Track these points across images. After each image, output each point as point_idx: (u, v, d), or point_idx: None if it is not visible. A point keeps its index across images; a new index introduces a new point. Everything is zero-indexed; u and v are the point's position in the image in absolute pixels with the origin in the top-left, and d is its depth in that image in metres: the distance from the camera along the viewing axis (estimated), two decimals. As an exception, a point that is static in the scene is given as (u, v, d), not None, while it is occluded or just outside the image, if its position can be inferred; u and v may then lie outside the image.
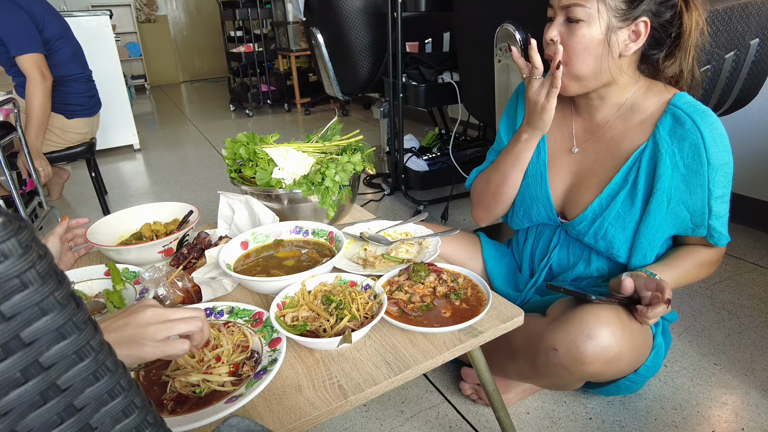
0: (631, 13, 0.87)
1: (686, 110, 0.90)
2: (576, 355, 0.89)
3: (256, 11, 5.11)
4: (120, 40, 6.91)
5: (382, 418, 1.21)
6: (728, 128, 2.05)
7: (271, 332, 0.81)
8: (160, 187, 3.07)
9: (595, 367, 0.90)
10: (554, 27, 0.91)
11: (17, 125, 1.97)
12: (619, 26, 0.87)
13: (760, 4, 1.40)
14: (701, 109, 0.91)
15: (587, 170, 1.04)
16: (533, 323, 1.00)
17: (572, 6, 0.88)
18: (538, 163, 1.09)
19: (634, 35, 0.89)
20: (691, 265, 1.00)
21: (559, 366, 0.92)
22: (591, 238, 1.03)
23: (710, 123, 0.89)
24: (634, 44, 0.89)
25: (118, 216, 1.19)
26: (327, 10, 2.47)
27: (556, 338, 0.92)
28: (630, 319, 0.94)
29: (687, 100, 0.92)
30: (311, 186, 1.14)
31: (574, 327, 0.90)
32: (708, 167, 0.90)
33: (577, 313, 0.92)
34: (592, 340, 0.88)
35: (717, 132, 0.89)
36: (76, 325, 0.32)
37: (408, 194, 2.49)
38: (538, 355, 0.95)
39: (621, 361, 0.92)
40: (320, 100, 5.26)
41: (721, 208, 0.94)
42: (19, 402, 0.30)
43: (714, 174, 0.90)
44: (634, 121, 0.97)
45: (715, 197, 0.92)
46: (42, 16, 2.15)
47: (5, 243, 0.27)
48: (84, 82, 2.40)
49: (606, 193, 1.00)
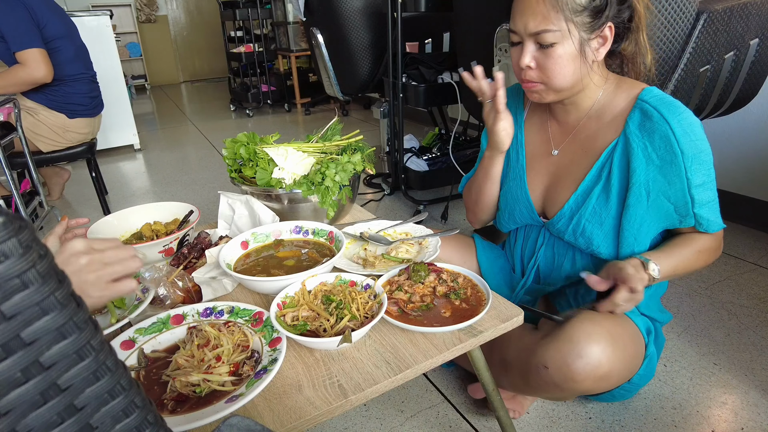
0: (597, 23, 0.89)
1: (653, 104, 0.91)
2: (567, 374, 0.89)
3: (256, 11, 5.11)
4: (120, 40, 6.91)
5: (382, 417, 1.21)
6: (728, 128, 2.07)
7: (272, 332, 0.81)
8: (160, 187, 3.07)
9: (587, 385, 0.90)
10: (527, 53, 0.92)
11: (17, 125, 1.97)
12: (588, 38, 0.90)
13: (760, 4, 1.40)
14: (668, 101, 0.91)
15: (564, 170, 1.06)
16: (526, 337, 1.00)
17: (542, 33, 0.89)
18: (518, 167, 1.12)
19: (602, 40, 0.91)
20: (689, 252, 1.00)
21: (550, 383, 0.92)
22: (571, 235, 1.04)
23: (677, 114, 0.90)
24: (604, 48, 0.92)
25: (118, 216, 1.19)
26: (327, 10, 2.47)
27: (547, 356, 0.91)
28: (622, 331, 0.94)
29: (654, 94, 0.93)
30: (311, 186, 1.14)
31: (565, 345, 0.90)
32: (683, 157, 0.90)
33: (567, 329, 0.91)
34: (583, 358, 0.88)
35: (686, 122, 0.90)
36: (77, 324, 0.32)
37: (408, 194, 2.49)
38: (529, 372, 0.96)
39: (612, 377, 0.92)
40: (320, 100, 5.26)
41: (705, 196, 0.94)
42: (20, 402, 0.30)
43: (690, 163, 0.90)
44: (606, 119, 0.99)
45: (695, 185, 0.92)
46: (43, 12, 2.15)
47: (6, 243, 0.27)
48: (87, 83, 2.40)
49: (581, 190, 1.01)
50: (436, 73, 2.30)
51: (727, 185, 2.13)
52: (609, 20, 0.89)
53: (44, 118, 2.27)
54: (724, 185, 2.14)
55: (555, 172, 1.07)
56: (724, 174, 2.14)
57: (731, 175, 2.12)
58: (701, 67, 1.36)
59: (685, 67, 1.32)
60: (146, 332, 0.83)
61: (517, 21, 0.92)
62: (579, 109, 1.02)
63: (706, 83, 1.42)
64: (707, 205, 0.95)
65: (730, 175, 2.12)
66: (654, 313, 1.07)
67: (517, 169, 1.13)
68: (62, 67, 2.26)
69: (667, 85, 1.34)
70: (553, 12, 0.87)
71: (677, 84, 1.34)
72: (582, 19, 0.88)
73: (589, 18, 0.88)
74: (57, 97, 2.28)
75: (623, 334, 0.93)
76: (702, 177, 0.92)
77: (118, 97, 3.67)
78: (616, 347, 0.90)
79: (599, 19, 0.88)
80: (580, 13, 0.87)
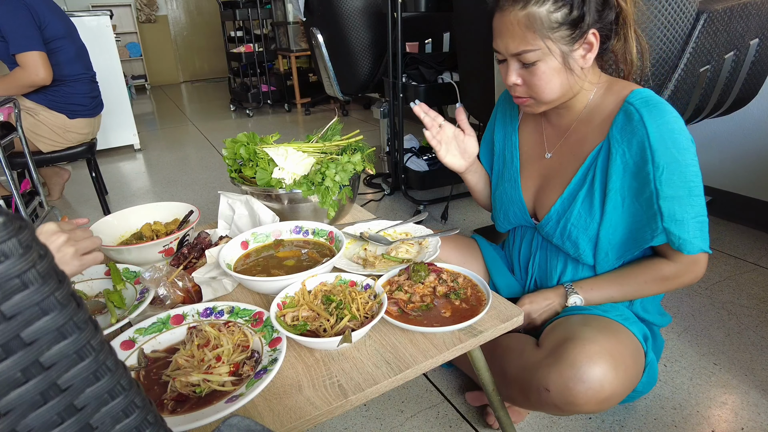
0: (578, 33, 0.87)
1: (637, 105, 0.88)
2: (569, 398, 0.87)
3: (256, 11, 5.11)
4: (120, 40, 6.91)
5: (382, 417, 1.21)
6: (728, 128, 2.07)
7: (272, 332, 0.81)
8: (160, 187, 3.07)
9: (589, 408, 0.88)
10: (512, 72, 0.92)
11: (17, 125, 1.97)
12: (572, 49, 0.88)
13: (760, 4, 1.40)
14: (653, 103, 0.88)
15: (554, 173, 1.05)
16: (527, 354, 0.98)
17: (522, 53, 0.88)
18: (512, 169, 1.13)
19: (588, 46, 0.89)
20: (636, 282, 0.98)
21: (551, 405, 0.90)
22: (559, 239, 1.03)
23: (658, 117, 0.86)
24: (591, 54, 0.90)
25: (118, 216, 1.19)
26: (327, 10, 2.47)
27: (549, 379, 0.88)
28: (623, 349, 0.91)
29: (641, 96, 0.90)
30: (311, 186, 1.14)
31: (566, 369, 0.86)
32: (652, 164, 0.87)
33: (569, 351, 0.88)
34: (584, 383, 0.85)
35: (666, 127, 0.86)
36: (77, 324, 0.32)
37: (408, 194, 2.49)
38: (530, 391, 0.93)
39: (614, 399, 0.89)
40: (320, 100, 5.26)
41: (680, 211, 0.88)
42: (20, 402, 0.30)
43: (660, 173, 0.87)
44: (595, 121, 0.97)
45: (664, 197, 0.88)
46: (45, 13, 2.15)
47: (6, 243, 0.27)
48: (88, 83, 2.40)
49: (567, 194, 1.01)
50: (436, 73, 2.31)
51: (727, 185, 2.14)
52: (591, 27, 0.87)
53: (44, 118, 2.27)
54: (724, 185, 2.15)
55: (546, 175, 1.07)
56: (724, 174, 2.14)
57: (731, 175, 2.12)
58: (701, 67, 1.36)
59: (685, 67, 1.32)
60: (146, 332, 0.83)
61: (498, 42, 0.92)
62: (572, 112, 1.01)
63: (706, 83, 1.42)
64: (682, 223, 0.89)
65: (730, 175, 2.12)
66: (653, 317, 1.07)
67: (511, 171, 1.13)
68: (63, 67, 2.26)
69: (667, 84, 1.34)
70: (529, 33, 0.86)
71: (677, 84, 1.34)
72: (561, 33, 0.86)
73: (569, 31, 0.86)
74: (57, 97, 2.28)
75: (625, 353, 0.90)
76: (675, 189, 0.87)
77: (118, 97, 3.67)
78: (618, 370, 0.87)
79: (580, 29, 0.86)
80: (557, 29, 0.86)
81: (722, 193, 2.15)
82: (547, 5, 0.84)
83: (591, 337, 0.89)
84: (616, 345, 0.90)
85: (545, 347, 0.94)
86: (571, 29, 0.86)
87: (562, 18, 0.85)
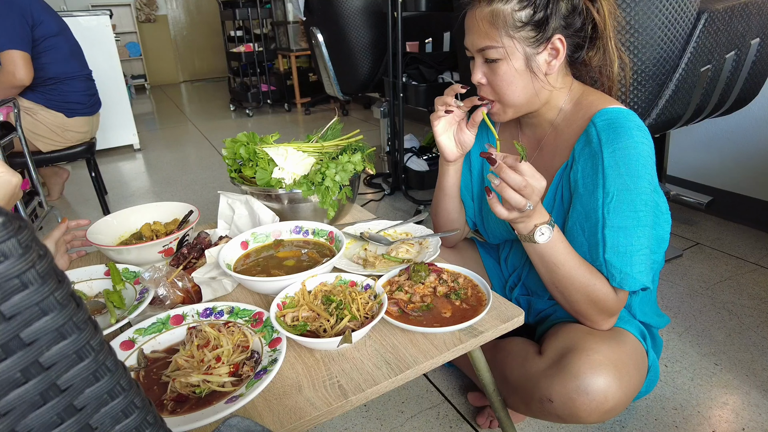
0: (543, 36, 0.86)
1: (599, 128, 0.87)
2: (572, 409, 0.86)
3: (256, 11, 5.11)
4: (120, 40, 6.89)
5: (382, 418, 1.21)
6: (728, 128, 2.07)
7: (271, 332, 0.81)
8: (160, 187, 3.07)
9: (592, 419, 0.87)
10: (477, 69, 0.93)
11: (17, 125, 1.97)
12: (536, 52, 0.87)
13: (761, 3, 1.40)
14: (616, 126, 0.85)
15: None
16: (529, 363, 0.96)
17: (485, 49, 0.88)
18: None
19: (553, 52, 0.88)
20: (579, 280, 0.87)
21: (554, 415, 0.90)
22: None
23: (616, 142, 0.84)
24: (556, 60, 0.89)
25: (118, 216, 1.19)
26: (327, 9, 2.48)
27: (552, 390, 0.87)
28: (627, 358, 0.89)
29: (606, 117, 0.87)
30: (311, 186, 1.14)
31: (570, 381, 0.85)
32: (602, 191, 0.85)
33: (573, 361, 0.86)
34: (588, 395, 0.83)
35: (622, 153, 0.83)
36: (76, 325, 0.32)
37: (408, 194, 2.49)
38: (532, 401, 0.92)
39: (618, 409, 0.88)
40: (320, 100, 5.26)
41: (624, 242, 0.84)
42: (20, 402, 0.30)
43: (609, 200, 0.84)
44: (564, 136, 0.96)
45: (610, 227, 0.84)
46: (38, 12, 2.15)
47: (5, 243, 0.27)
48: (83, 81, 2.40)
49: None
50: (436, 73, 2.31)
51: (728, 185, 2.14)
52: (557, 32, 0.86)
53: (43, 117, 2.27)
54: (725, 185, 2.15)
55: None
56: (724, 174, 2.15)
57: (732, 174, 2.12)
58: (702, 67, 1.36)
59: (686, 66, 1.32)
60: (146, 332, 0.83)
61: (466, 38, 0.92)
62: (543, 123, 1.00)
63: (707, 83, 1.42)
64: (627, 255, 0.84)
65: (730, 174, 2.12)
66: (651, 318, 1.05)
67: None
68: (58, 64, 2.25)
69: (668, 84, 1.34)
70: (493, 29, 0.86)
71: (678, 83, 1.34)
72: (525, 34, 0.86)
73: (533, 32, 0.86)
74: (54, 96, 2.28)
75: (628, 362, 0.89)
76: (623, 219, 0.84)
77: (118, 97, 3.67)
78: (622, 381, 0.86)
79: (544, 33, 0.86)
80: (520, 29, 0.85)
81: (723, 192, 2.15)
82: (511, 3, 0.85)
83: (594, 347, 0.87)
84: (620, 354, 0.88)
85: (548, 356, 0.93)
86: (535, 31, 0.86)
87: (526, 18, 0.85)
